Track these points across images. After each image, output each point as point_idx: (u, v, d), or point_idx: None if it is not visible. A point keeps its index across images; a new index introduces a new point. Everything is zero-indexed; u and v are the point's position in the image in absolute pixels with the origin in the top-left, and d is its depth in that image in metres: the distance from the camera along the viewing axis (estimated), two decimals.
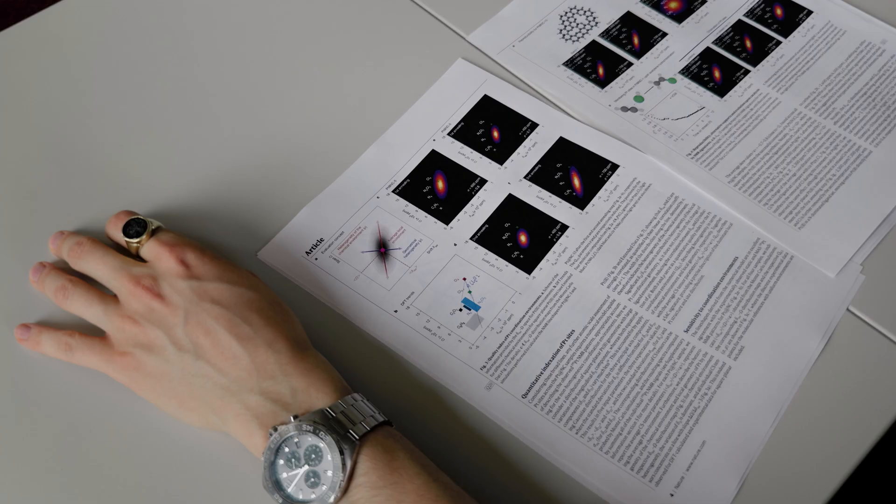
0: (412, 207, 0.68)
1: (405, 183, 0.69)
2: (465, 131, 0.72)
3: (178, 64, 0.74)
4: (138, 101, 0.72)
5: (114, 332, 0.57)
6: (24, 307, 0.61)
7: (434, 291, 0.64)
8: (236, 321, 0.55)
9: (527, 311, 0.63)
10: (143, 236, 0.60)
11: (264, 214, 0.67)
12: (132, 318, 0.56)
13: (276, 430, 0.51)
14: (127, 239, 0.60)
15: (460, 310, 0.63)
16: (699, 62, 0.79)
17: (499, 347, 0.62)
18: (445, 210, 0.68)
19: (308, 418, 0.51)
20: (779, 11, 0.83)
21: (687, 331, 0.63)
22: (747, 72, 0.78)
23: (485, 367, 0.61)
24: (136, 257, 0.60)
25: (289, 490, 0.51)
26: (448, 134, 0.72)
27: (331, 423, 0.51)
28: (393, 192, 0.68)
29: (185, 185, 0.67)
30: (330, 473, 0.50)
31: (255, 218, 0.66)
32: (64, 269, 0.61)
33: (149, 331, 0.55)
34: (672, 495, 0.57)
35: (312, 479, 0.51)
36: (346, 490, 0.50)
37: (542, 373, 0.61)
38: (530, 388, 0.60)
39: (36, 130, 0.69)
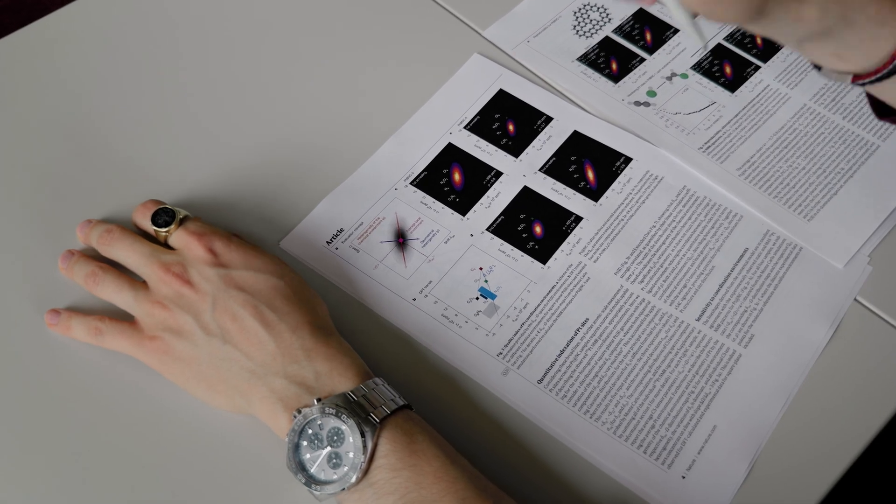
0: (430, 199, 0.69)
1: (422, 175, 0.70)
2: (480, 125, 0.74)
3: (203, 59, 0.75)
4: (165, 95, 0.73)
5: (143, 317, 0.58)
6: (52, 294, 0.61)
7: (451, 280, 0.65)
8: (262, 307, 0.56)
9: (542, 300, 0.65)
10: (172, 225, 0.60)
11: (286, 205, 0.68)
12: (162, 304, 0.57)
13: (299, 412, 0.52)
14: (156, 228, 0.61)
15: (477, 298, 0.65)
16: (710, 58, 0.80)
17: (515, 335, 0.63)
18: (462, 201, 0.69)
19: (331, 401, 0.52)
20: None
21: (698, 319, 0.65)
22: (758, 67, 0.79)
23: (501, 353, 0.62)
24: (165, 245, 0.61)
25: (312, 470, 0.52)
26: (464, 127, 0.73)
27: (352, 407, 0.52)
28: (411, 183, 0.70)
29: (210, 177, 0.68)
30: (351, 455, 0.51)
31: (278, 208, 0.67)
32: (91, 256, 0.62)
33: (178, 316, 0.56)
34: (684, 477, 0.58)
35: (334, 461, 0.52)
36: (366, 471, 0.51)
37: (556, 359, 0.62)
38: (545, 373, 0.62)
39: (62, 122, 0.70)
